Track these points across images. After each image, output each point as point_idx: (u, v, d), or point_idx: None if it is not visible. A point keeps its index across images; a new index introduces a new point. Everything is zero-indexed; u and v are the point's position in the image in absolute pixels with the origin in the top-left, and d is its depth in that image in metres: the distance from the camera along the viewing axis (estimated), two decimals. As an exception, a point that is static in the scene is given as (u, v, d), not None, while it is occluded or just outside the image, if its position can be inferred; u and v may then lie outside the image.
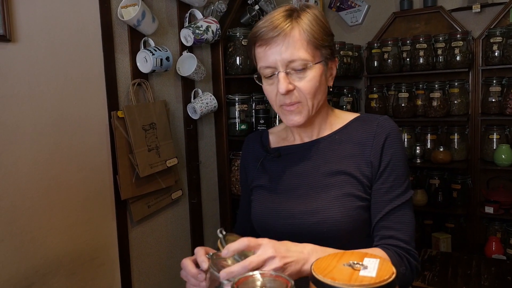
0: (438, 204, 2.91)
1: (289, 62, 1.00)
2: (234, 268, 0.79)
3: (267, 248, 0.82)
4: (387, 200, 1.03)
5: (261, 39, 1.01)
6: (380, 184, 1.04)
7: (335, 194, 1.03)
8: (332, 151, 1.09)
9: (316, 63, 1.02)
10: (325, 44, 1.03)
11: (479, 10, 2.80)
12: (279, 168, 1.14)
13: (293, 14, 1.02)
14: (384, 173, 1.04)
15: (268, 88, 1.06)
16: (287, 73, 1.01)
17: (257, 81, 1.09)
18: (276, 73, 1.01)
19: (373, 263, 0.73)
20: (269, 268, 0.80)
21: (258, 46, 1.03)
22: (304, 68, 1.00)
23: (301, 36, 1.00)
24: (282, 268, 0.81)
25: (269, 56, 1.01)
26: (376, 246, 1.03)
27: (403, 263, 0.99)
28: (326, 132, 1.13)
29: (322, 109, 1.11)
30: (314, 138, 1.13)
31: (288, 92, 1.01)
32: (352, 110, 3.16)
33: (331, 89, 1.12)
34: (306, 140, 1.14)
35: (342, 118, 1.15)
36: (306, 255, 0.86)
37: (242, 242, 0.82)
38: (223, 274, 0.79)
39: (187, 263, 0.92)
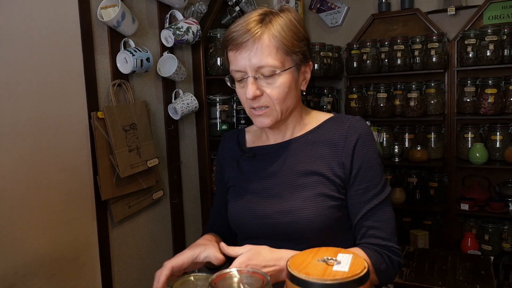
0: (416, 202, 2.98)
1: (258, 68, 1.00)
2: None
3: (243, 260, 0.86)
4: (365, 201, 1.05)
5: (232, 43, 1.02)
6: (357, 185, 1.06)
7: (308, 194, 1.05)
8: (305, 152, 1.10)
9: (285, 70, 1.02)
10: (296, 50, 1.03)
11: (454, 12, 2.88)
12: (254, 168, 1.15)
13: (265, 19, 1.02)
14: (359, 175, 1.06)
15: (240, 91, 1.07)
16: (256, 78, 1.01)
17: (228, 84, 1.10)
18: (246, 77, 1.02)
19: (346, 258, 0.76)
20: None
21: (230, 50, 1.04)
22: (273, 75, 1.01)
23: (271, 42, 1.00)
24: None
25: (239, 60, 1.01)
26: (357, 244, 1.06)
27: (383, 261, 1.02)
28: (300, 132, 1.14)
29: (295, 111, 1.12)
30: (287, 138, 1.14)
31: (256, 97, 1.02)
32: (333, 110, 3.21)
33: (304, 93, 1.13)
34: (279, 140, 1.15)
35: (316, 118, 1.16)
36: (283, 264, 0.89)
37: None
38: None
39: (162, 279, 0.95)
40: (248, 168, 1.17)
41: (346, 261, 0.75)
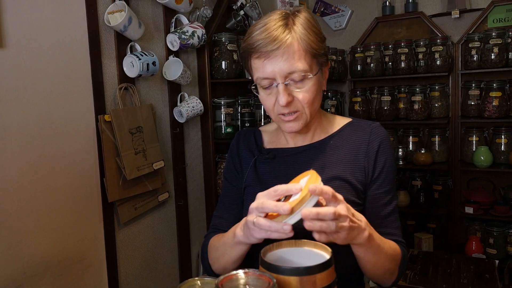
0: (420, 205, 2.98)
1: (288, 74, 0.99)
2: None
3: (343, 207, 0.83)
4: (383, 204, 1.08)
5: (259, 51, 0.99)
6: (375, 190, 1.08)
7: None
8: (327, 156, 1.11)
9: (315, 74, 1.02)
10: (321, 52, 1.03)
11: (458, 15, 2.89)
12: (273, 170, 1.14)
13: (288, 23, 1.00)
14: (379, 179, 1.08)
15: (266, 98, 1.05)
16: (286, 85, 1.00)
17: (254, 92, 1.08)
18: (275, 84, 1.01)
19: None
20: (338, 223, 0.80)
21: (256, 57, 1.01)
22: (303, 79, 1.00)
23: (299, 46, 0.99)
24: (345, 229, 0.82)
25: (268, 67, 0.99)
26: None
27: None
28: (321, 136, 1.14)
29: (316, 113, 1.12)
30: (308, 142, 1.14)
31: (288, 103, 1.01)
32: (336, 113, 3.22)
33: (325, 93, 1.14)
34: (300, 143, 1.14)
35: (335, 122, 1.17)
36: (364, 225, 0.88)
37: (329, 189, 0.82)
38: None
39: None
40: (265, 169, 1.15)
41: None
